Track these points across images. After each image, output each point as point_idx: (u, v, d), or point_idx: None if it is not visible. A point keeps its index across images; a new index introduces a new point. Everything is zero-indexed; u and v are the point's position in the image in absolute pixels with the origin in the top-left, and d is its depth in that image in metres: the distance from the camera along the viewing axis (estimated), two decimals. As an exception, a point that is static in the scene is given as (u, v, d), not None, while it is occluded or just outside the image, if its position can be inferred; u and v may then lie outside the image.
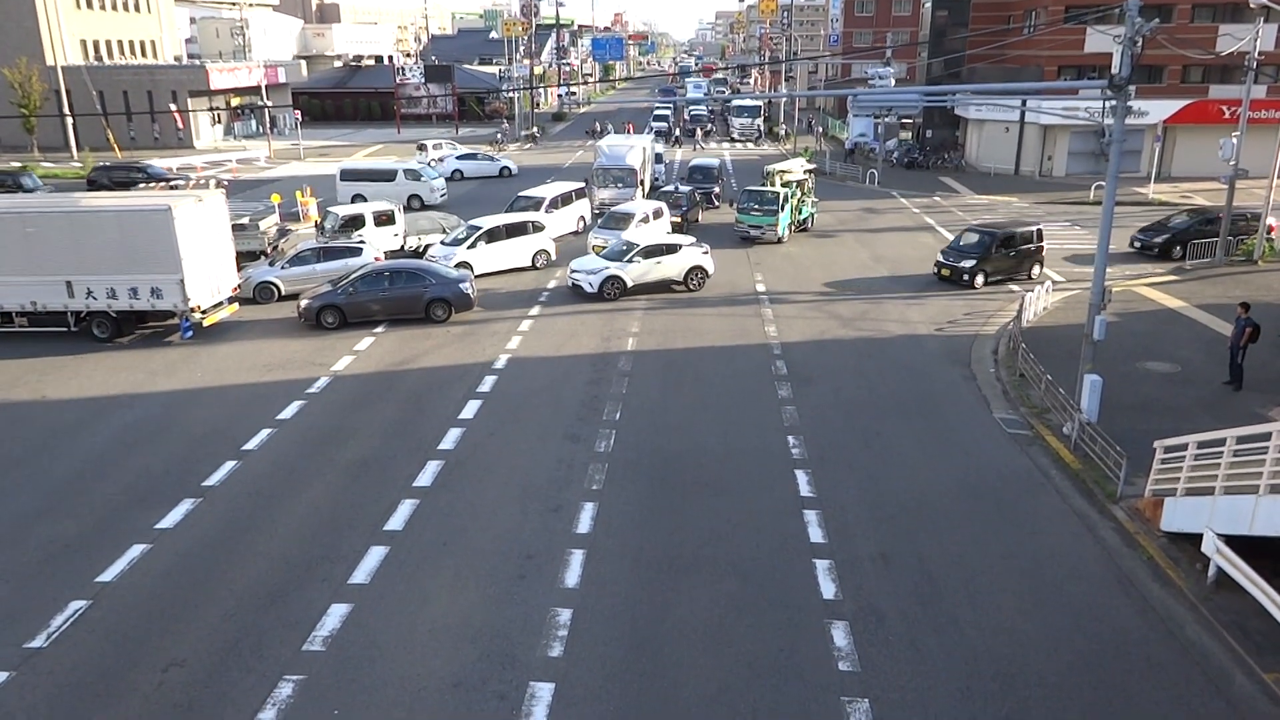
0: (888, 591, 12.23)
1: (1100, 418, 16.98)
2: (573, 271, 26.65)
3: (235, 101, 69.20)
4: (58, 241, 21.73)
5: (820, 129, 62.03)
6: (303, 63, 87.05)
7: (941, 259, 28.31)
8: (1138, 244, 31.66)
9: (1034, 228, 28.72)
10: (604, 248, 28.50)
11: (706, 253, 27.31)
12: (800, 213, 35.58)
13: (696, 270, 26.87)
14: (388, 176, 40.20)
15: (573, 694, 10.31)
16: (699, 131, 70.21)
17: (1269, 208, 29.86)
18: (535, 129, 69.46)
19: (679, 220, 34.08)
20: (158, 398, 19.20)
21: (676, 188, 38.23)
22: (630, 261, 26.18)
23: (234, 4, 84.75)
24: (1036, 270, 28.37)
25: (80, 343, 22.38)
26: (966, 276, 27.47)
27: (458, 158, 50.72)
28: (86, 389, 19.69)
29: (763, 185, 35.18)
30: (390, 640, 11.23)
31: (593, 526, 13.87)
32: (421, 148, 54.29)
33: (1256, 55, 28.51)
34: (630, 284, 26.15)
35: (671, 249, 26.89)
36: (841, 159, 53.78)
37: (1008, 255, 27.87)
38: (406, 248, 30.94)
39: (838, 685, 10.46)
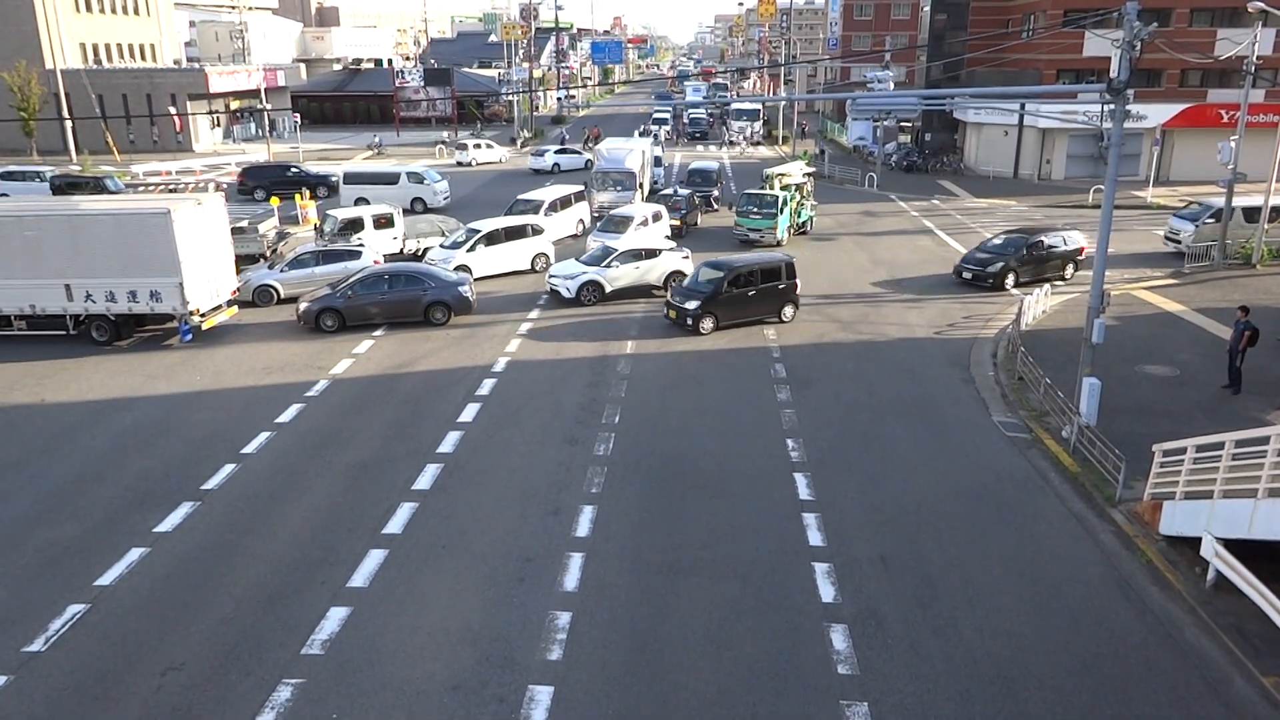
0: (887, 594, 12.22)
1: (1099, 421, 17.00)
2: (550, 276, 26.61)
3: (234, 105, 69.23)
4: (56, 245, 21.72)
5: (816, 131, 62.24)
6: (302, 66, 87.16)
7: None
8: (967, 274, 28.35)
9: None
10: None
11: (687, 257, 27.28)
12: (799, 216, 35.62)
13: (676, 275, 26.79)
14: (391, 180, 40.23)
15: (572, 697, 10.31)
16: (697, 133, 70.32)
17: (1268, 210, 29.88)
18: (523, 132, 69.21)
19: (678, 223, 34.09)
20: (156, 401, 19.19)
21: (675, 191, 38.24)
22: (609, 266, 26.08)
23: (233, 7, 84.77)
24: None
25: (79, 346, 22.37)
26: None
27: (556, 152, 54.76)
28: (85, 392, 19.68)
29: (761, 188, 35.21)
30: (389, 643, 11.22)
31: (592, 529, 13.86)
32: (461, 147, 57.69)
33: (1255, 59, 28.57)
34: (609, 289, 25.96)
35: (651, 253, 26.79)
36: (826, 160, 53.98)
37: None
38: (406, 251, 30.95)
39: (837, 688, 10.45)
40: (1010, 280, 27.59)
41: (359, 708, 10.17)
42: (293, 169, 45.28)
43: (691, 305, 23.25)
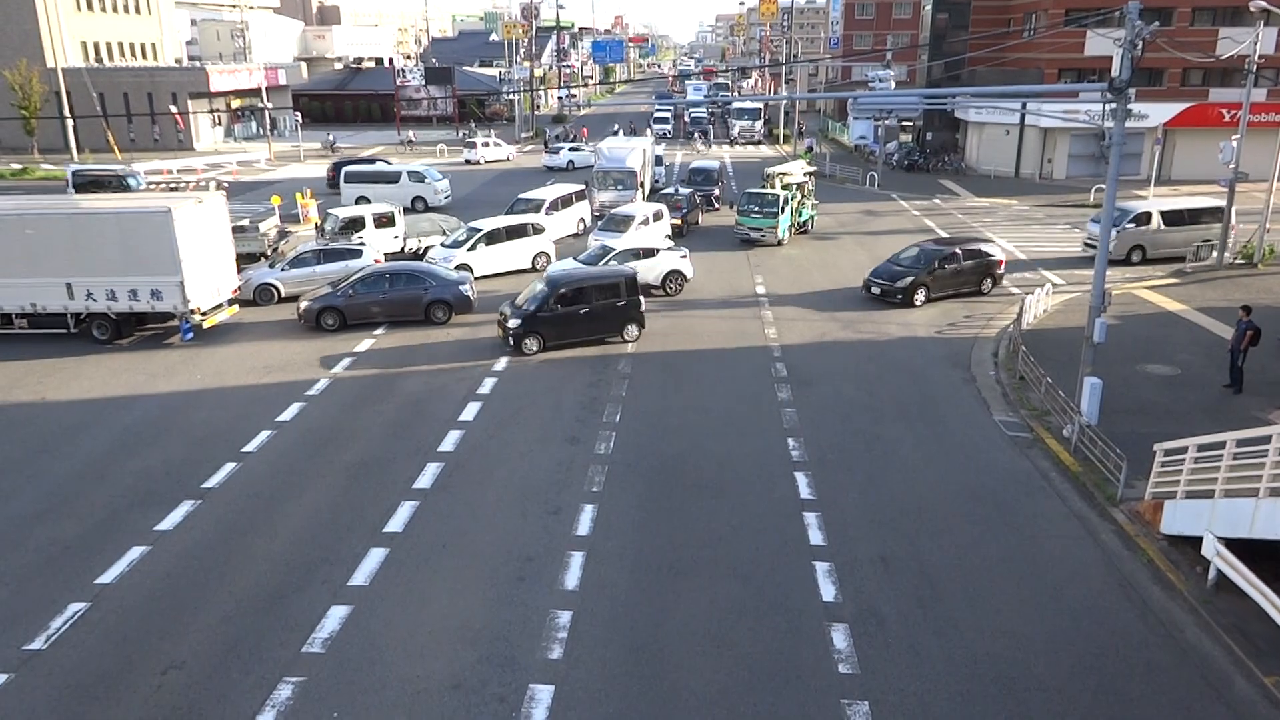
0: (888, 594, 12.22)
1: (1100, 420, 16.99)
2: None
3: (235, 103, 69.23)
4: (57, 243, 21.73)
5: (816, 130, 62.52)
6: (303, 65, 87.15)
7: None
8: (875, 289, 26.28)
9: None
10: None
11: (684, 257, 27.26)
12: (800, 215, 35.60)
13: (674, 275, 26.75)
14: (392, 178, 40.22)
15: (572, 696, 10.30)
16: (696, 134, 70.35)
17: (1269, 211, 29.85)
18: (522, 133, 69.11)
19: (679, 223, 34.07)
20: (157, 399, 19.20)
21: (677, 190, 38.22)
22: (606, 266, 26.04)
23: (234, 6, 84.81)
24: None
25: (80, 344, 22.38)
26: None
27: (570, 149, 55.52)
28: (86, 391, 19.68)
29: (762, 188, 35.20)
30: (390, 642, 11.22)
31: (592, 529, 13.86)
32: (470, 145, 58.17)
33: (1257, 58, 28.54)
34: None
35: (649, 253, 26.75)
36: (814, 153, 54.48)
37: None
38: (406, 250, 30.94)
39: (838, 688, 10.45)
40: (921, 296, 25.64)
41: (359, 706, 10.17)
42: (378, 162, 46.61)
43: (514, 324, 21.47)
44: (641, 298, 22.71)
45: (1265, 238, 29.94)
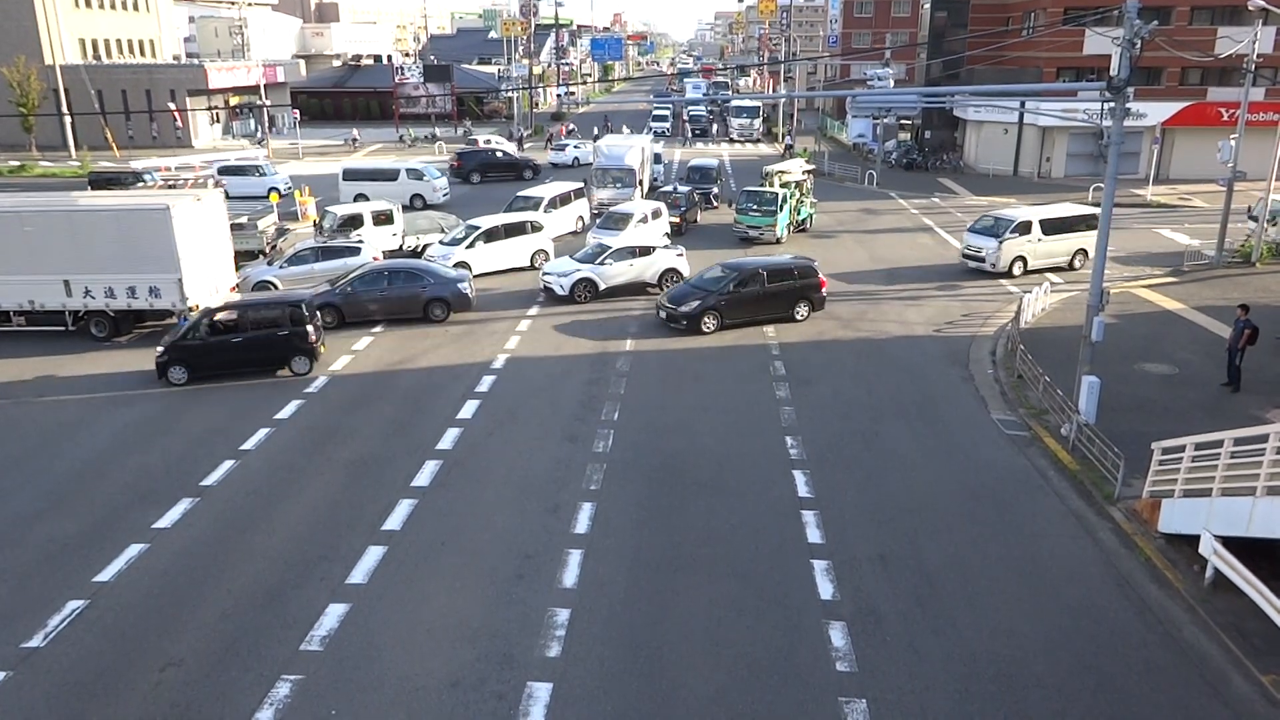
0: (886, 592, 12.23)
1: (1098, 419, 17.01)
2: (544, 274, 26.58)
3: (234, 101, 69.14)
4: (56, 240, 21.71)
5: (791, 132, 63.22)
6: (301, 62, 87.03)
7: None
8: (662, 313, 23.52)
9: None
10: None
11: (681, 255, 27.26)
12: (799, 213, 35.60)
13: (671, 273, 26.73)
14: (390, 176, 40.20)
15: (571, 694, 10.31)
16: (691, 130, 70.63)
17: (1267, 209, 29.89)
18: (521, 129, 69.11)
19: (678, 220, 34.06)
20: (156, 397, 19.18)
21: (675, 188, 38.21)
22: (603, 264, 26.05)
23: (233, 3, 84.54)
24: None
25: (78, 342, 22.35)
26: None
27: (575, 146, 55.79)
28: (85, 389, 19.65)
29: (761, 186, 35.19)
30: (388, 640, 11.23)
31: (591, 526, 13.87)
32: (472, 142, 57.91)
33: (1255, 58, 28.57)
34: (603, 286, 25.92)
35: (645, 251, 26.77)
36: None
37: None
38: (405, 247, 30.93)
39: (836, 686, 10.46)
40: (710, 323, 22.90)
41: (358, 704, 10.17)
42: (499, 153, 47.73)
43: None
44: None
45: (1263, 237, 29.99)
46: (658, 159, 46.86)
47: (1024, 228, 28.68)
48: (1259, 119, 40.47)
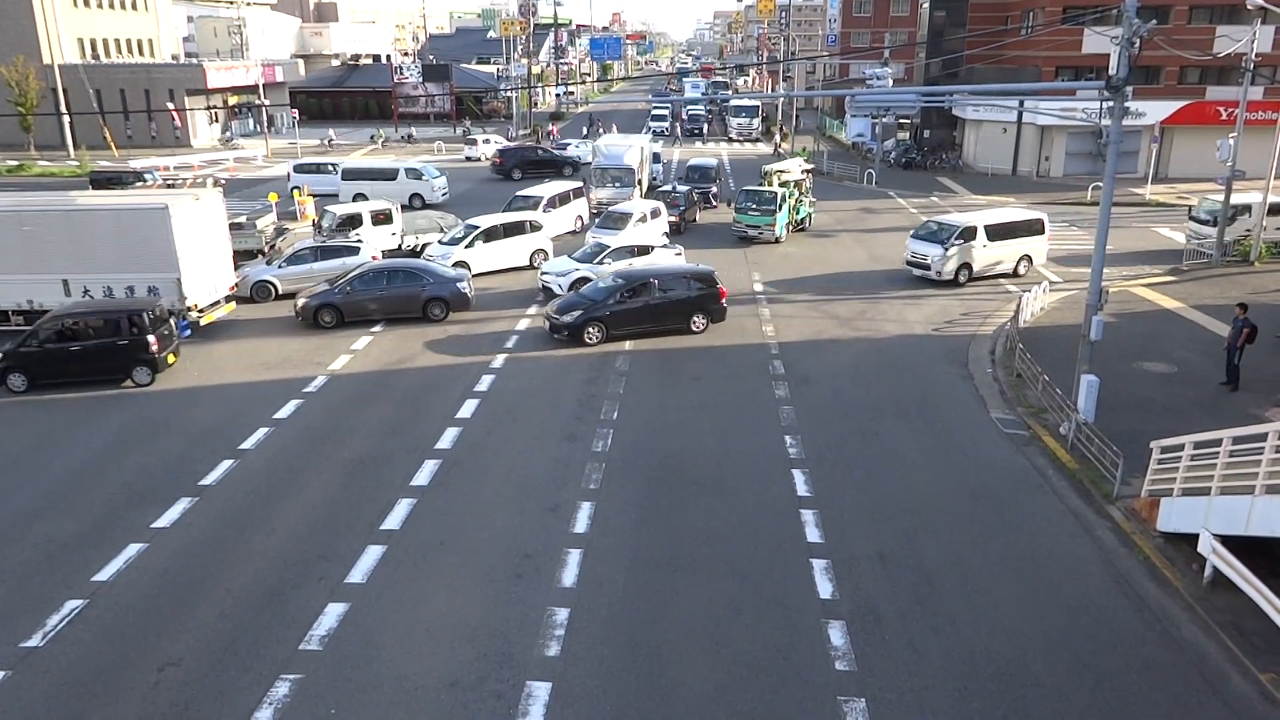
0: (885, 591, 12.23)
1: (1097, 418, 17.01)
2: (543, 273, 26.56)
3: (233, 100, 69.10)
4: (55, 240, 21.71)
5: (779, 136, 63.71)
6: (300, 61, 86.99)
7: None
8: (549, 324, 22.62)
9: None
10: None
11: (680, 254, 27.24)
12: (798, 212, 35.60)
13: None
14: (389, 176, 40.18)
15: (570, 693, 10.31)
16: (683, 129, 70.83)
17: (1266, 208, 29.90)
18: (521, 129, 69.12)
19: (676, 220, 34.06)
20: (154, 396, 19.17)
21: (674, 187, 38.20)
22: (601, 263, 26.00)
23: (231, 2, 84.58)
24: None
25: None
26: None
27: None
28: (83, 388, 19.63)
29: (760, 185, 35.19)
30: (387, 639, 11.22)
31: (590, 526, 13.86)
32: (471, 142, 58.19)
33: (1253, 57, 28.59)
34: None
35: (644, 250, 26.74)
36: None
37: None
38: (404, 247, 30.92)
39: (835, 685, 10.46)
40: (596, 335, 21.85)
41: (357, 704, 10.17)
42: (540, 150, 47.98)
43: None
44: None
45: (1261, 235, 30.00)
46: (656, 158, 46.84)
47: (969, 234, 27.52)
48: (1257, 118, 40.48)
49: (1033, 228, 28.66)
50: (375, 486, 15.14)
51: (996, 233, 28.04)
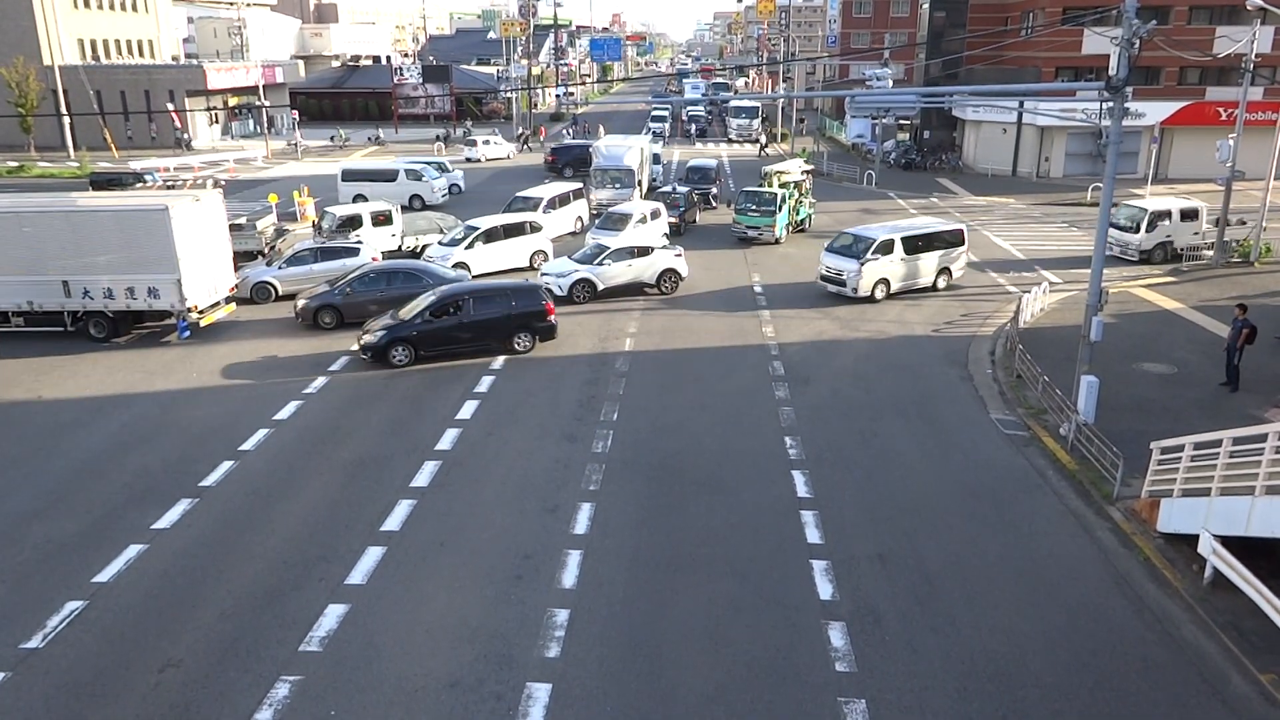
0: (885, 592, 12.23)
1: (1097, 419, 17.01)
2: (543, 274, 26.57)
3: (233, 101, 69.12)
4: (55, 241, 21.69)
5: (765, 136, 63.91)
6: (300, 63, 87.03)
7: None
8: (355, 344, 21.45)
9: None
10: None
11: (679, 255, 27.25)
12: (798, 213, 35.61)
13: (669, 273, 26.74)
14: (389, 177, 40.19)
15: (570, 694, 10.31)
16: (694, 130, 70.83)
17: (1266, 209, 29.90)
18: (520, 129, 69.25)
19: (676, 221, 34.06)
20: (154, 398, 19.17)
21: (674, 188, 38.21)
22: (601, 264, 26.04)
23: (231, 4, 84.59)
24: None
25: (77, 343, 22.34)
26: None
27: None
28: (83, 389, 19.65)
29: (760, 186, 35.19)
30: (387, 641, 11.22)
31: (590, 527, 13.86)
32: (471, 143, 58.01)
33: (1253, 57, 28.59)
34: (601, 287, 25.92)
35: (643, 251, 26.75)
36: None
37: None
38: (404, 248, 30.92)
39: (835, 685, 10.46)
40: (403, 356, 20.66)
41: (357, 705, 10.17)
42: (592, 147, 47.52)
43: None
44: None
45: (1261, 236, 30.00)
46: (656, 159, 46.84)
47: (886, 247, 25.86)
48: (1257, 118, 40.50)
49: (952, 239, 27.25)
50: (375, 487, 15.14)
51: (915, 245, 26.41)
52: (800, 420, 17.89)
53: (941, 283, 27.24)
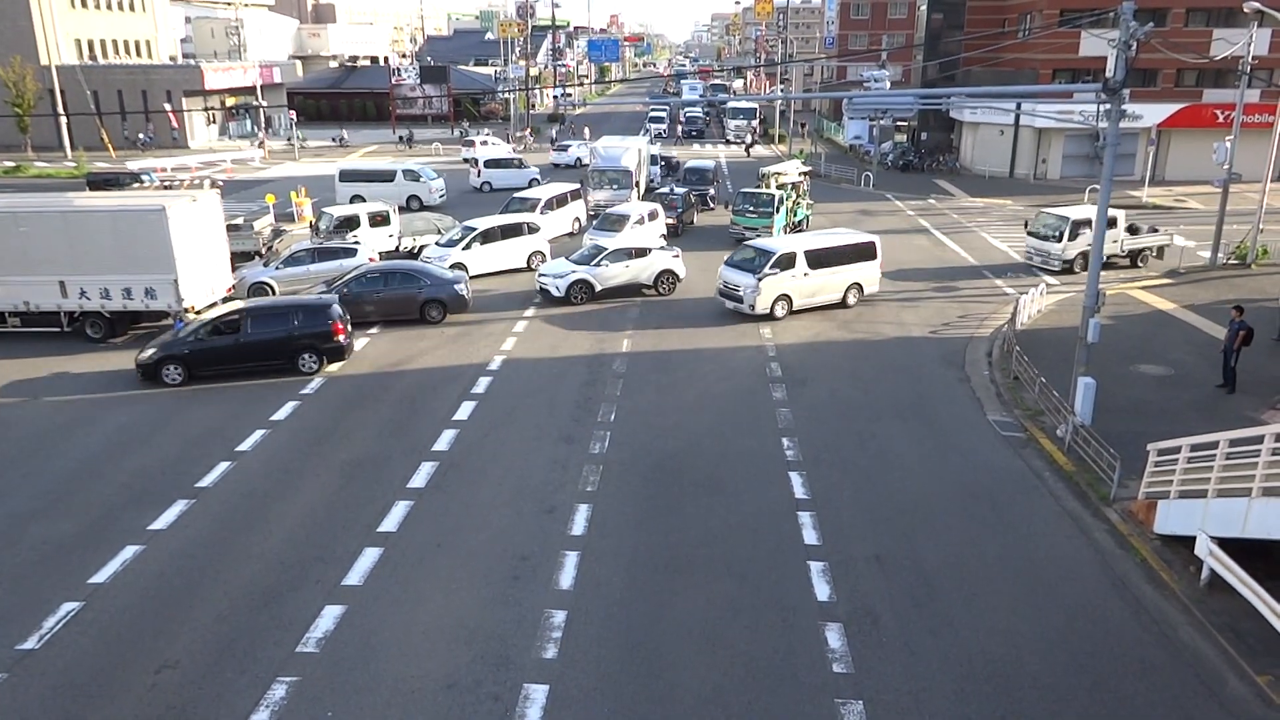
0: (882, 593, 12.24)
1: (1094, 420, 17.03)
2: (540, 275, 26.56)
3: (230, 101, 69.03)
4: (51, 241, 21.66)
5: (752, 138, 64.18)
6: (298, 63, 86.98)
7: None
8: (137, 364, 20.07)
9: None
10: None
11: (677, 256, 27.25)
12: (795, 215, 35.61)
13: (667, 274, 26.75)
14: (386, 177, 40.18)
15: (567, 695, 10.30)
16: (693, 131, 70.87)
17: (1263, 212, 29.95)
18: (519, 130, 69.31)
19: (674, 222, 34.08)
20: (151, 398, 19.13)
21: (672, 189, 38.22)
22: (599, 265, 26.04)
23: (229, 4, 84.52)
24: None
25: (73, 343, 22.30)
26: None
27: (578, 147, 55.79)
28: (80, 390, 19.61)
29: (758, 187, 35.20)
30: (384, 641, 11.21)
31: (587, 528, 13.86)
32: (469, 144, 57.44)
33: (1250, 60, 28.64)
34: (599, 288, 25.93)
35: (641, 252, 26.76)
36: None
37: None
38: (401, 249, 30.91)
39: (832, 687, 10.46)
40: (176, 375, 19.63)
41: (354, 706, 10.16)
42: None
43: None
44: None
45: (1258, 237, 30.05)
46: (654, 160, 46.86)
47: (786, 261, 24.15)
48: (1254, 121, 40.55)
49: (863, 252, 25.51)
50: (372, 488, 15.13)
51: (819, 259, 24.64)
52: (798, 421, 17.89)
53: (852, 299, 25.45)
